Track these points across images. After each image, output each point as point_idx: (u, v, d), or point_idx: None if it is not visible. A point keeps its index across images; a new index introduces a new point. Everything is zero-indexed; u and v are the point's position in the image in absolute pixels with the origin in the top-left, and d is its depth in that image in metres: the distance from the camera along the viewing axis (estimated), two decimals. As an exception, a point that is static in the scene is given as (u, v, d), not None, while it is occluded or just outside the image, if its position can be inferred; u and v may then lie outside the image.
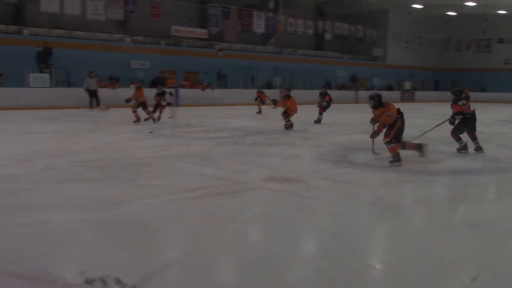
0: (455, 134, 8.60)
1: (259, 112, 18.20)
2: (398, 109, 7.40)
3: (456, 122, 8.53)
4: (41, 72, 19.52)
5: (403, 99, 33.79)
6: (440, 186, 6.64)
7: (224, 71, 27.03)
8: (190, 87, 24.78)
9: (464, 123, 8.53)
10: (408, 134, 8.26)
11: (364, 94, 27.21)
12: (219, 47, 28.20)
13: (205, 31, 27.63)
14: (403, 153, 7.47)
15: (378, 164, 7.54)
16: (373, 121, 7.67)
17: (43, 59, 19.72)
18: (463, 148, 8.61)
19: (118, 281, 3.16)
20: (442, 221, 4.86)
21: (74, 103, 19.00)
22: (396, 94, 34.07)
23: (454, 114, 8.47)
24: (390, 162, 7.30)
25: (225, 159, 7.98)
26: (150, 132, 10.88)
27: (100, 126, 13.22)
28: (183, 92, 22.01)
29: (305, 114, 14.39)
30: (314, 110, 15.21)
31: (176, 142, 10.02)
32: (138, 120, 13.25)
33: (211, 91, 24.82)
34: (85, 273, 3.25)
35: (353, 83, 34.94)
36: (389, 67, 38.52)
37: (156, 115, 13.60)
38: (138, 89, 13.48)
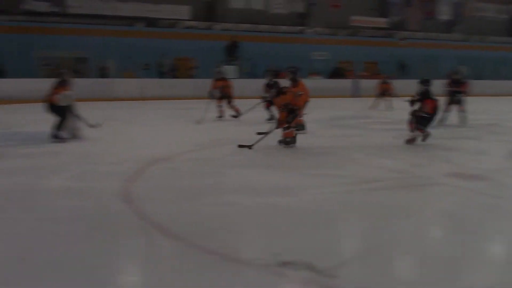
0: None
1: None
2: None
3: None
4: (229, 64, 20.99)
5: None
6: None
7: (405, 61, 26.07)
8: (370, 78, 24.40)
9: None
10: None
11: None
12: (401, 36, 27.24)
13: (385, 20, 26.93)
14: None
15: None
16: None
17: (231, 52, 21.18)
18: None
19: (309, 266, 3.29)
20: None
21: (257, 93, 20.05)
22: None
23: None
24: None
25: (405, 151, 7.75)
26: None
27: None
28: (363, 83, 21.82)
29: (497, 107, 13.21)
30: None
31: (355, 133, 10.02)
32: (221, 115, 12.39)
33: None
34: (279, 256, 3.45)
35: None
36: None
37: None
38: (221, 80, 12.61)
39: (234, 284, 3.07)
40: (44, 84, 8.70)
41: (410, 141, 8.24)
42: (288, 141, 7.90)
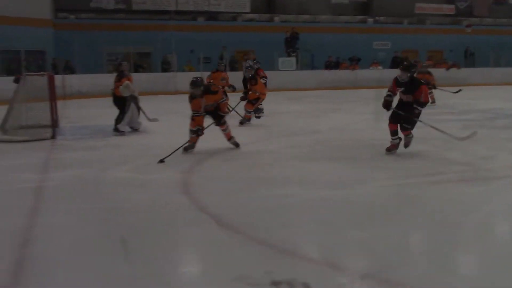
0: None
1: None
2: None
3: None
4: (289, 56, 20.90)
5: None
6: None
7: (472, 48, 24.98)
8: (434, 66, 23.59)
9: None
10: None
11: None
12: (468, 22, 26.11)
13: (452, 6, 25.92)
14: None
15: None
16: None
17: (291, 44, 21.09)
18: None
19: (367, 264, 3.23)
20: None
21: (316, 85, 19.90)
22: None
23: None
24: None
25: (470, 143, 7.43)
26: None
27: (340, 106, 13.59)
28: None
29: None
30: None
31: (418, 124, 9.71)
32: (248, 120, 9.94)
33: (457, 70, 23.21)
34: (327, 252, 3.43)
35: None
36: None
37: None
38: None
39: (292, 278, 3.06)
40: (110, 79, 9.04)
41: (392, 148, 6.65)
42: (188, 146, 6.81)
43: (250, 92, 9.74)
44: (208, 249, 3.57)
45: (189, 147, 6.78)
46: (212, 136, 6.98)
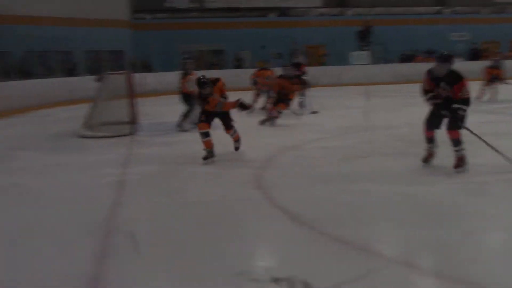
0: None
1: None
2: None
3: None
4: (362, 50, 20.57)
5: None
6: None
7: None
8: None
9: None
10: None
11: None
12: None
13: (537, -7, 24.42)
14: None
15: None
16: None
17: (364, 38, 20.74)
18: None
19: (438, 263, 3.17)
20: None
21: (391, 79, 19.44)
22: None
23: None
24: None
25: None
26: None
27: (415, 101, 13.15)
28: (508, 64, 20.02)
29: None
30: None
31: (496, 118, 9.28)
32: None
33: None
34: (408, 248, 3.38)
35: None
36: None
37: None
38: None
39: (365, 275, 3.06)
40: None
41: (429, 157, 5.66)
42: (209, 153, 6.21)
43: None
44: (281, 244, 3.62)
45: (208, 155, 6.16)
46: (282, 132, 7.01)
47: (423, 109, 5.72)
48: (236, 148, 6.66)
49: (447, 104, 5.24)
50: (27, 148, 7.64)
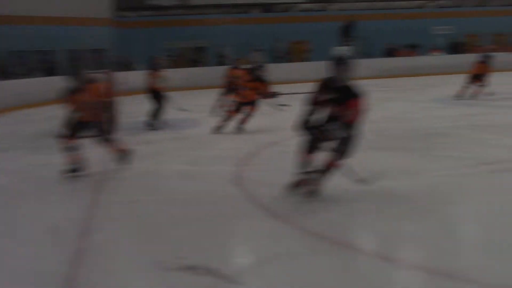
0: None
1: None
2: None
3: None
4: (344, 45, 20.61)
5: None
6: None
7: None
8: (499, 51, 22.49)
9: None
10: None
11: None
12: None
13: (517, -14, 24.64)
14: None
15: None
16: None
17: (347, 32, 20.78)
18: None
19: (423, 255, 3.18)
20: None
21: (373, 73, 19.51)
22: None
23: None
24: None
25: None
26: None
27: (397, 95, 13.27)
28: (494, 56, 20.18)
29: None
30: None
31: (478, 111, 9.36)
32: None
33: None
34: (388, 241, 3.40)
35: None
36: None
37: None
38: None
39: (340, 270, 3.06)
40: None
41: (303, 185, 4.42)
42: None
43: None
44: (257, 239, 3.62)
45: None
46: (265, 127, 6.98)
47: (404, 103, 5.75)
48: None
49: (329, 122, 4.20)
50: (6, 149, 7.55)
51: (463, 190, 4.56)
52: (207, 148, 6.78)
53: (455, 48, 21.39)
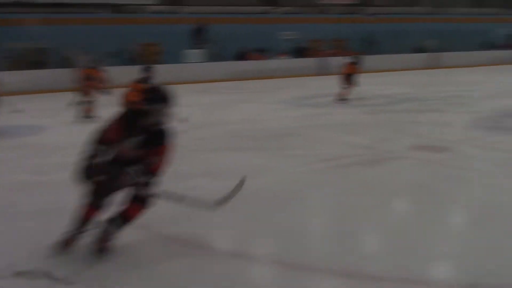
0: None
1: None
2: None
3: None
4: (196, 48, 20.73)
5: None
6: None
7: (373, 36, 26.15)
8: (337, 55, 24.38)
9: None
10: None
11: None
12: (368, 12, 27.34)
13: (354, -4, 27.01)
14: None
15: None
16: None
17: (198, 36, 20.93)
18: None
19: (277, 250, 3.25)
20: None
21: (225, 76, 19.92)
22: None
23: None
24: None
25: (372, 127, 7.79)
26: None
27: (249, 97, 13.63)
28: (330, 60, 21.81)
29: (466, 78, 13.35)
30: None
31: (322, 111, 9.99)
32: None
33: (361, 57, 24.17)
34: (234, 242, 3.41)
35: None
36: None
37: None
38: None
39: (199, 271, 3.02)
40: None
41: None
42: None
43: None
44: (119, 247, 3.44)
45: None
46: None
47: (255, 105, 5.90)
48: None
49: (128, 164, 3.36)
50: None
51: (311, 186, 4.80)
52: (52, 156, 6.29)
53: (300, 52, 22.73)
